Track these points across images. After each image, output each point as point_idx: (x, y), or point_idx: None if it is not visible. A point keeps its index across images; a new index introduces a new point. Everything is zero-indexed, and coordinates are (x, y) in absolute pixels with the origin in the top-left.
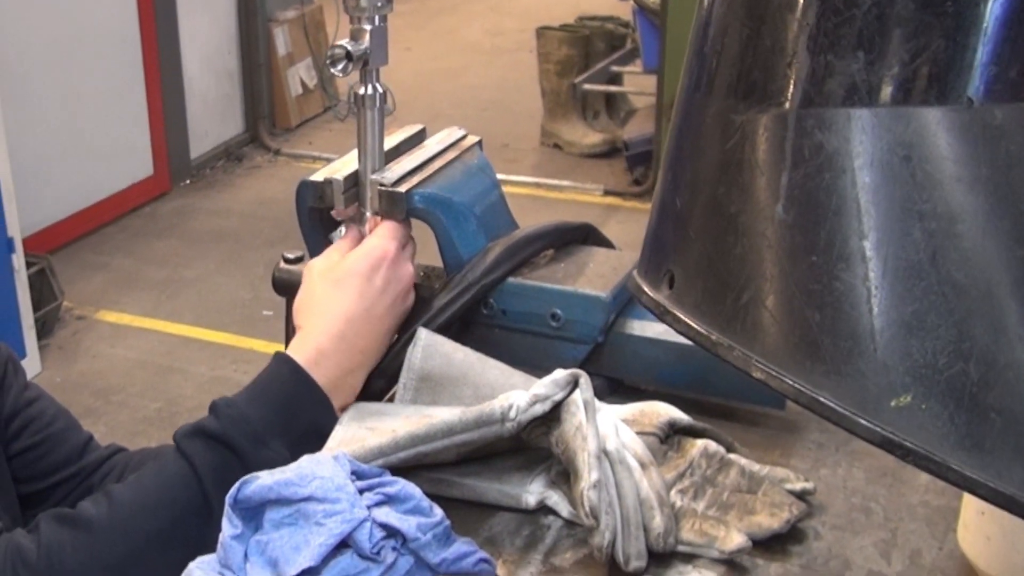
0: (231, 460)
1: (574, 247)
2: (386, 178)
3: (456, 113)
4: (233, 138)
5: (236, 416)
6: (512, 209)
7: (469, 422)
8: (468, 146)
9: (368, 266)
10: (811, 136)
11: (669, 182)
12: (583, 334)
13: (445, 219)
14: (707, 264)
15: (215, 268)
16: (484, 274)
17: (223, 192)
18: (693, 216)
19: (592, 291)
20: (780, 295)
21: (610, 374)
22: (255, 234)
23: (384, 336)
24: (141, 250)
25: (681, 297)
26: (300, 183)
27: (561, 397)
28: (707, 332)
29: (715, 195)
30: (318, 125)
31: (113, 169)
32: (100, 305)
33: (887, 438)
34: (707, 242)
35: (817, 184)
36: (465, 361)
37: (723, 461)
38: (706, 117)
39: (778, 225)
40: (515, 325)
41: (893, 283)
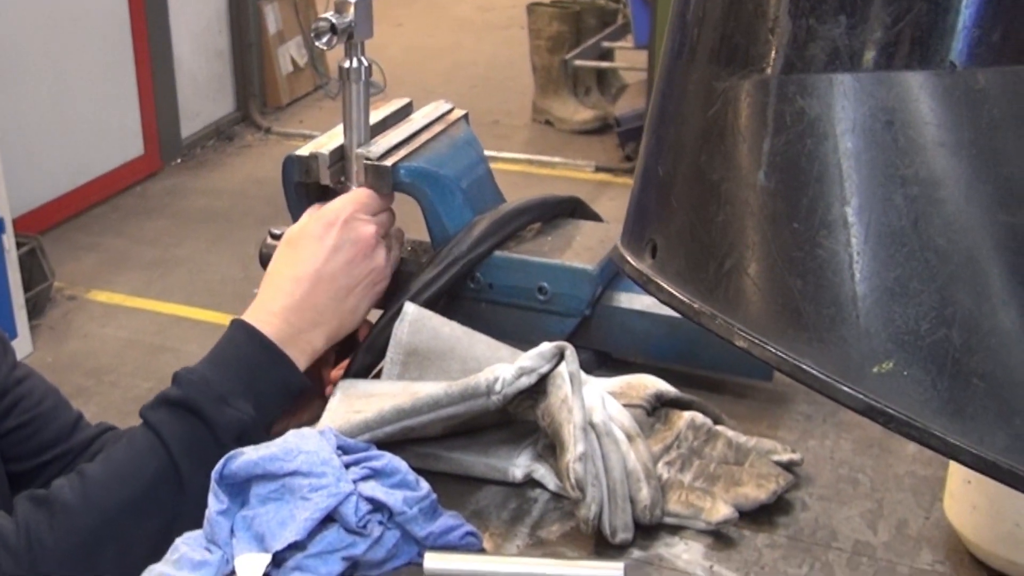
0: (196, 424)
1: (561, 220)
2: (372, 152)
3: (447, 89)
4: (224, 117)
5: (197, 381)
6: (503, 186)
7: (455, 395)
8: (454, 120)
9: (320, 227)
10: (793, 102)
11: (652, 150)
12: (570, 307)
13: (431, 193)
14: (689, 232)
15: (206, 247)
16: (471, 248)
17: (214, 171)
18: (675, 184)
19: (579, 264)
20: (762, 262)
21: (598, 347)
22: (246, 213)
23: (339, 295)
24: (132, 230)
25: (664, 266)
26: (286, 158)
27: (547, 370)
28: (689, 300)
29: (697, 162)
30: (309, 103)
31: (104, 149)
32: (91, 285)
33: (869, 405)
34: (689, 210)
35: (799, 150)
36: (452, 335)
37: (710, 433)
38: (688, 84)
39: (760, 192)
40: (502, 299)
41: (875, 249)
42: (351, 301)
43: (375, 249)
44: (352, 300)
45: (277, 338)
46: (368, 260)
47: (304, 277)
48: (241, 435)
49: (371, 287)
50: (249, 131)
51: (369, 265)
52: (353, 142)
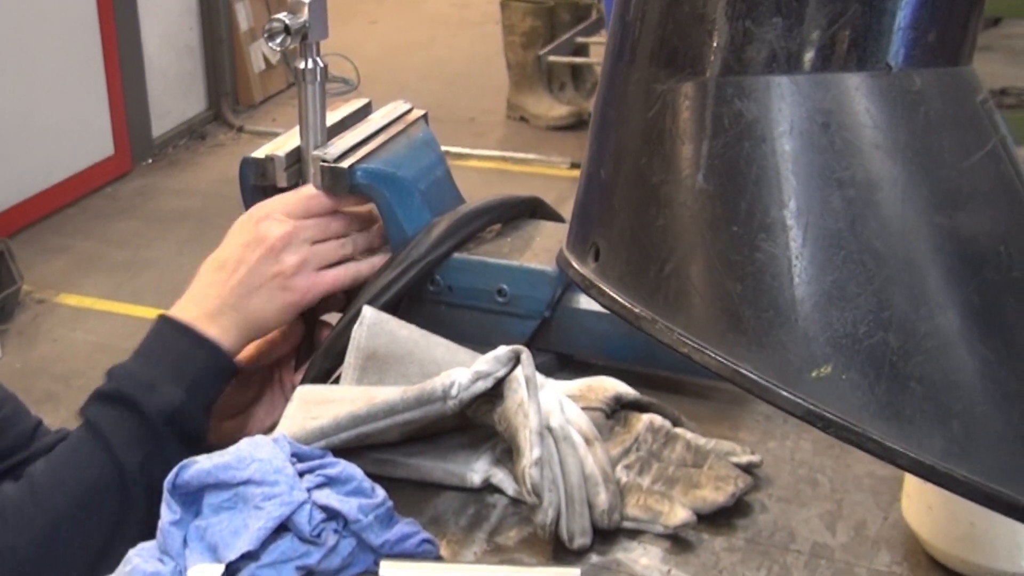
0: (126, 412)
1: (521, 221)
2: (328, 153)
3: (422, 87)
4: (196, 116)
5: (124, 373)
6: (478, 183)
7: (411, 401)
8: (413, 120)
9: (239, 222)
10: (731, 104)
11: (594, 153)
12: (530, 309)
13: (389, 194)
14: (631, 236)
15: (178, 249)
16: (429, 250)
17: (186, 171)
18: (617, 187)
19: (538, 265)
20: (702, 266)
21: (559, 349)
22: (219, 213)
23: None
24: (102, 232)
25: (606, 270)
26: (242, 160)
27: (503, 374)
28: (631, 305)
29: (638, 165)
30: (282, 101)
31: (72, 149)
32: (60, 288)
33: (808, 409)
34: (630, 213)
35: (737, 153)
36: (410, 338)
37: (669, 435)
38: (629, 86)
39: (699, 195)
40: (462, 301)
41: (813, 252)
42: (257, 300)
43: (283, 252)
44: (258, 300)
45: (194, 322)
46: (272, 261)
47: (212, 265)
48: (172, 417)
49: (280, 291)
50: (221, 130)
51: (273, 267)
52: (310, 143)
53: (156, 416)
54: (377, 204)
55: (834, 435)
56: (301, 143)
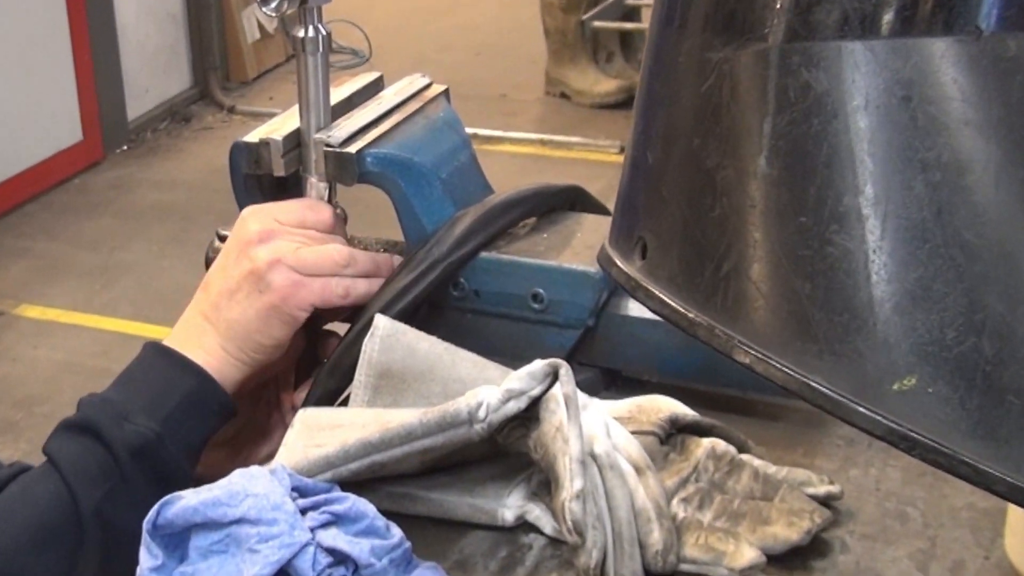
0: (91, 444)
1: (560, 215)
2: (333, 137)
3: (444, 58)
4: (179, 95)
5: (96, 402)
6: (510, 171)
7: (431, 425)
8: (432, 97)
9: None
10: (797, 75)
11: (640, 134)
12: (571, 317)
13: (404, 184)
14: (682, 229)
15: (159, 250)
16: (452, 249)
17: (168, 160)
18: (666, 173)
19: (580, 266)
20: (765, 263)
21: (604, 364)
22: (207, 209)
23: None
24: (69, 231)
25: (654, 269)
26: (233, 145)
27: (538, 392)
28: (683, 309)
29: (690, 148)
30: (280, 76)
31: (33, 135)
32: (21, 298)
33: (889, 427)
34: (682, 203)
35: (804, 131)
36: (431, 353)
37: (734, 463)
38: (679, 56)
39: (761, 180)
40: (491, 308)
41: (893, 246)
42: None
43: (257, 246)
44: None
45: (178, 345)
46: (245, 258)
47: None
48: (142, 450)
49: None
50: (209, 111)
51: (245, 264)
52: (311, 125)
53: (122, 450)
54: (391, 196)
55: (919, 457)
56: (301, 125)
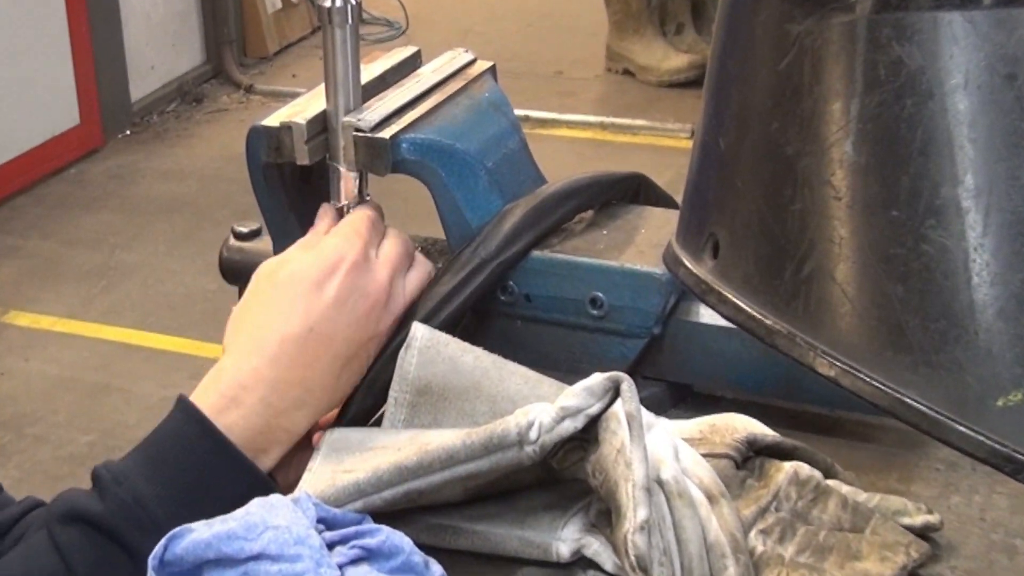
0: (116, 555)
1: (621, 207)
2: (364, 120)
3: (491, 31)
4: (189, 72)
5: (126, 499)
6: (566, 158)
7: (476, 447)
8: (477, 74)
9: (319, 271)
10: (888, 50)
11: (711, 117)
12: (634, 325)
13: (445, 175)
14: (759, 224)
15: (166, 250)
16: (500, 248)
17: (176, 146)
18: (740, 161)
19: (644, 267)
20: (852, 263)
21: (673, 378)
22: (221, 202)
23: (337, 366)
24: (65, 228)
25: (727, 269)
26: (250, 130)
27: (597, 410)
28: (760, 315)
29: (767, 132)
30: (304, 52)
31: (23, 119)
32: (9, 304)
33: (992, 448)
34: (758, 195)
35: (896, 114)
36: (477, 366)
37: (819, 490)
38: (755, 29)
39: (848, 170)
40: (543, 315)
41: (997, 243)
42: (349, 372)
43: (389, 301)
44: (350, 371)
45: (249, 426)
46: (379, 318)
47: (292, 338)
48: None
49: (375, 351)
50: (224, 90)
51: (379, 324)
52: (339, 107)
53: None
54: (431, 187)
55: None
56: (328, 106)
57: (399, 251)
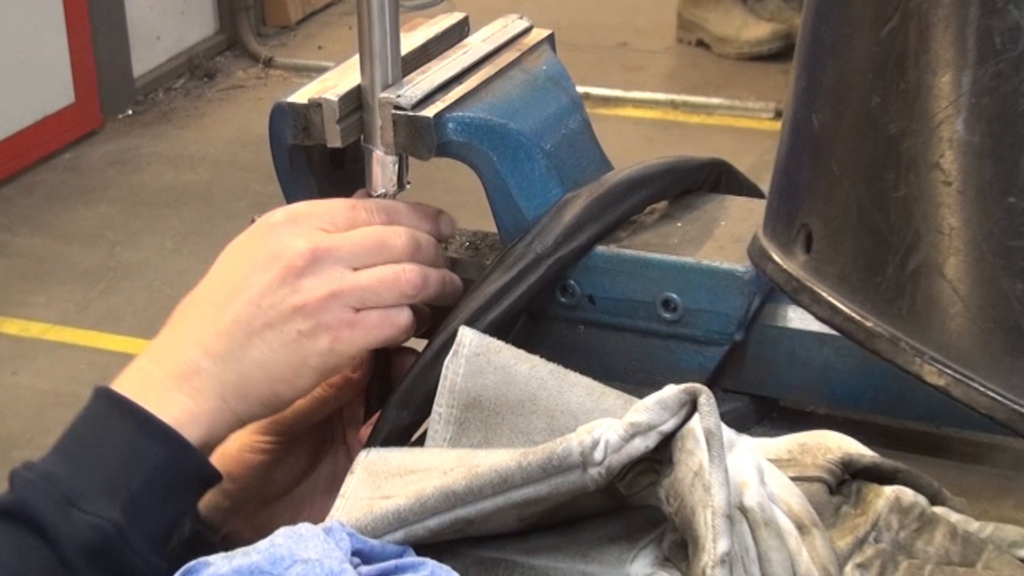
0: (31, 540)
1: (697, 197)
2: (404, 97)
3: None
4: (200, 43)
5: (36, 478)
6: (634, 141)
7: (533, 469)
8: (532, 44)
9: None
10: (1004, 15)
11: (802, 92)
12: (713, 330)
13: (497, 158)
14: (857, 213)
15: (174, 247)
16: (560, 242)
17: (185, 127)
18: (836, 142)
19: (725, 263)
20: (964, 257)
21: (756, 391)
22: (236, 191)
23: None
24: (58, 221)
25: (821, 265)
26: (274, 108)
27: (671, 426)
28: (859, 316)
29: (867, 109)
30: (332, 20)
31: (10, 96)
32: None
33: None
34: (857, 180)
35: (1015, 87)
36: (533, 377)
37: (924, 518)
38: None
39: (959, 151)
40: (609, 319)
41: None
42: (261, 347)
43: (305, 274)
44: (263, 347)
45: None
46: (289, 288)
47: (192, 300)
48: (99, 549)
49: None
50: (240, 63)
51: (290, 296)
52: (375, 82)
53: (70, 545)
54: (480, 173)
55: None
56: (363, 81)
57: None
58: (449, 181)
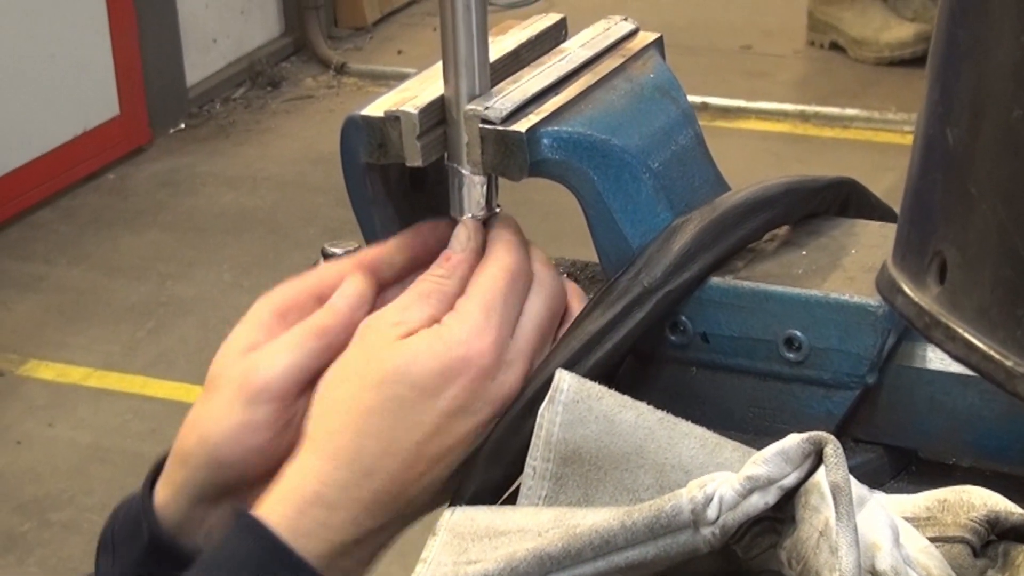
0: None
1: (824, 221)
2: (493, 109)
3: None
4: (263, 47)
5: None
6: (757, 158)
7: (639, 529)
8: (638, 50)
9: (436, 372)
10: None
11: (935, 104)
12: (842, 372)
13: (598, 179)
14: (997, 240)
15: (233, 280)
16: (669, 273)
17: (245, 144)
18: (973, 159)
19: (856, 297)
20: None
21: (892, 440)
22: (304, 216)
23: (433, 483)
24: (101, 250)
25: (957, 297)
26: (346, 121)
27: (794, 481)
28: (999, 354)
29: (1007, 122)
30: (413, 21)
31: (48, 108)
32: (28, 352)
33: None
34: (997, 202)
35: None
36: (639, 426)
37: None
38: None
39: None
40: (725, 360)
41: None
42: (423, 480)
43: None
44: (423, 479)
45: (328, 545)
46: (478, 411)
47: (405, 457)
48: None
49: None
50: (309, 70)
51: (480, 417)
52: (461, 92)
53: None
54: (579, 195)
55: None
56: (446, 92)
57: (548, 313)
58: (544, 204)
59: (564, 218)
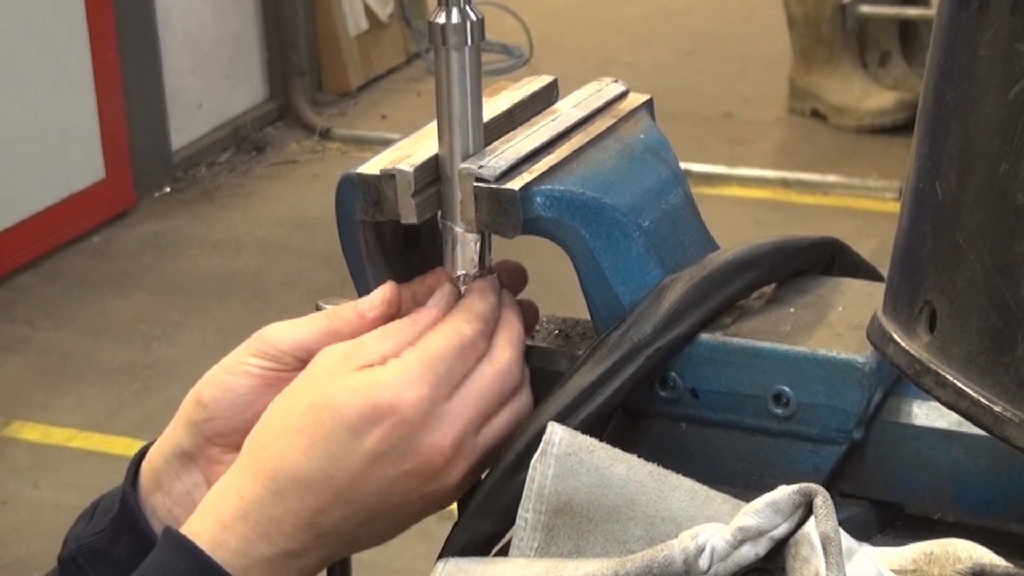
0: None
1: (810, 280)
2: (487, 168)
3: (641, 59)
4: (248, 111)
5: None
6: (741, 222)
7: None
8: (629, 111)
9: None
10: None
11: (924, 158)
12: (830, 427)
13: (590, 237)
14: (985, 289)
15: (218, 342)
16: (659, 330)
17: (230, 207)
18: (961, 211)
19: (842, 353)
20: None
21: (878, 495)
22: (289, 280)
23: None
24: (86, 312)
25: (946, 345)
26: (342, 180)
27: (784, 532)
28: (987, 400)
29: (994, 176)
30: (397, 86)
31: (34, 172)
32: (13, 413)
33: None
34: (984, 253)
35: None
36: (630, 479)
37: None
38: (979, 49)
39: None
40: (714, 415)
41: None
42: (379, 525)
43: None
44: (382, 525)
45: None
46: (431, 483)
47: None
48: None
49: (422, 510)
50: (293, 135)
51: (429, 488)
52: (455, 151)
53: None
54: (571, 253)
55: None
56: (441, 150)
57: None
58: (536, 261)
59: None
